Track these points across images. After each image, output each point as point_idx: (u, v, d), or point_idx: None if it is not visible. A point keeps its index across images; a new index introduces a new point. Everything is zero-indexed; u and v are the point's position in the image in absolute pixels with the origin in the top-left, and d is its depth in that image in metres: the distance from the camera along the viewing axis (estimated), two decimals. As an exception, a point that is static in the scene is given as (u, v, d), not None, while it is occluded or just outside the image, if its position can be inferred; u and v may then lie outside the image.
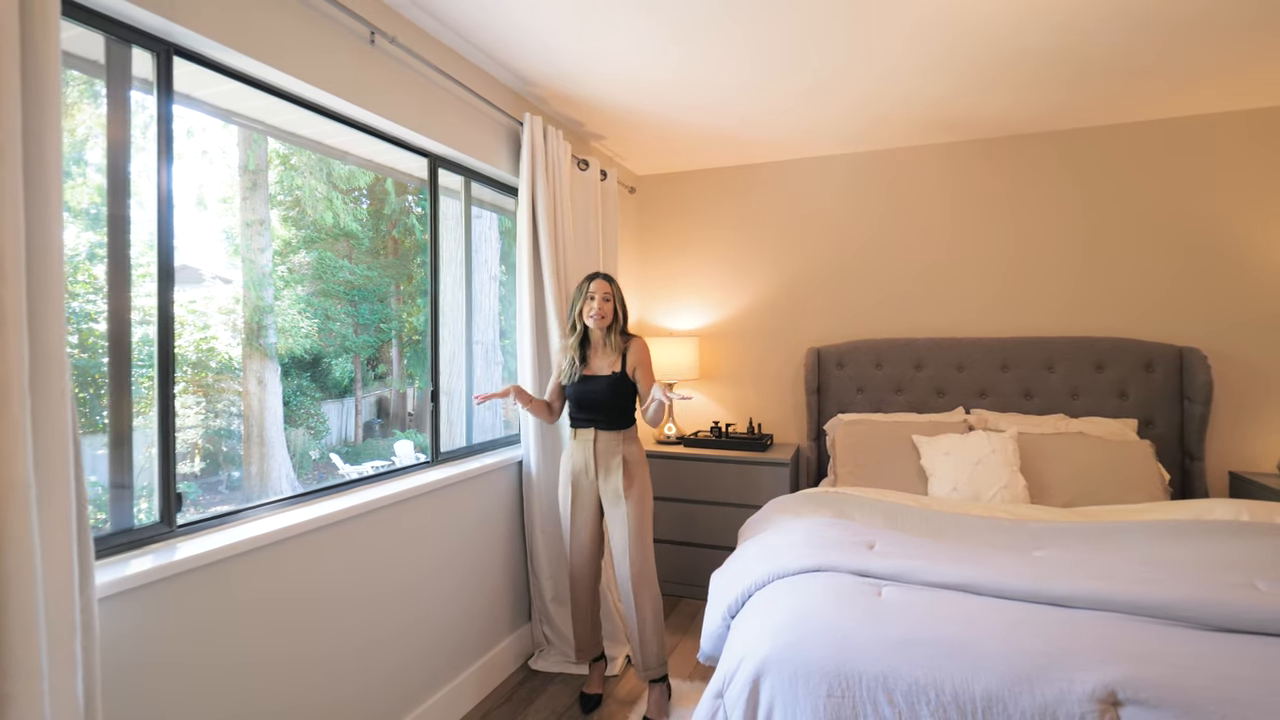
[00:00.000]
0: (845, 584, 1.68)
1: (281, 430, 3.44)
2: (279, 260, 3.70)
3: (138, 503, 1.47)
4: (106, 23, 1.32)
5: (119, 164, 1.37)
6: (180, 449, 2.91)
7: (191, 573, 1.39)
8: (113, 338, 1.38)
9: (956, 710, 1.32)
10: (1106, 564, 1.75)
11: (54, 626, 1.02)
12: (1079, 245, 3.08)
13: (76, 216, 2.02)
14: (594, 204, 2.98)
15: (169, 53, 1.43)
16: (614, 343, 2.29)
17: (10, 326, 0.95)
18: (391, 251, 2.80)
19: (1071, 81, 2.52)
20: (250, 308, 3.27)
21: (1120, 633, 1.41)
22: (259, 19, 1.55)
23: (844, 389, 3.38)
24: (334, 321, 3.78)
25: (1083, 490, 2.55)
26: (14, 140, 0.96)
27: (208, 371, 2.93)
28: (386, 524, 1.95)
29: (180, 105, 1.68)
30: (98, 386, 2.27)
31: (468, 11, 1.99)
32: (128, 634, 1.27)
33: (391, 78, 1.97)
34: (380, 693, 1.91)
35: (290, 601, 1.62)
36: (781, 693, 1.45)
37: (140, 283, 2.69)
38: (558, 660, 2.62)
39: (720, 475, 3.28)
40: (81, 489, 1.10)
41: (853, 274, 3.48)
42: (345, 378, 4.03)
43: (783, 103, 2.74)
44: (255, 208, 3.52)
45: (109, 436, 1.39)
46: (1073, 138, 3.08)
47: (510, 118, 2.48)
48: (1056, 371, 3.03)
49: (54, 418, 1.03)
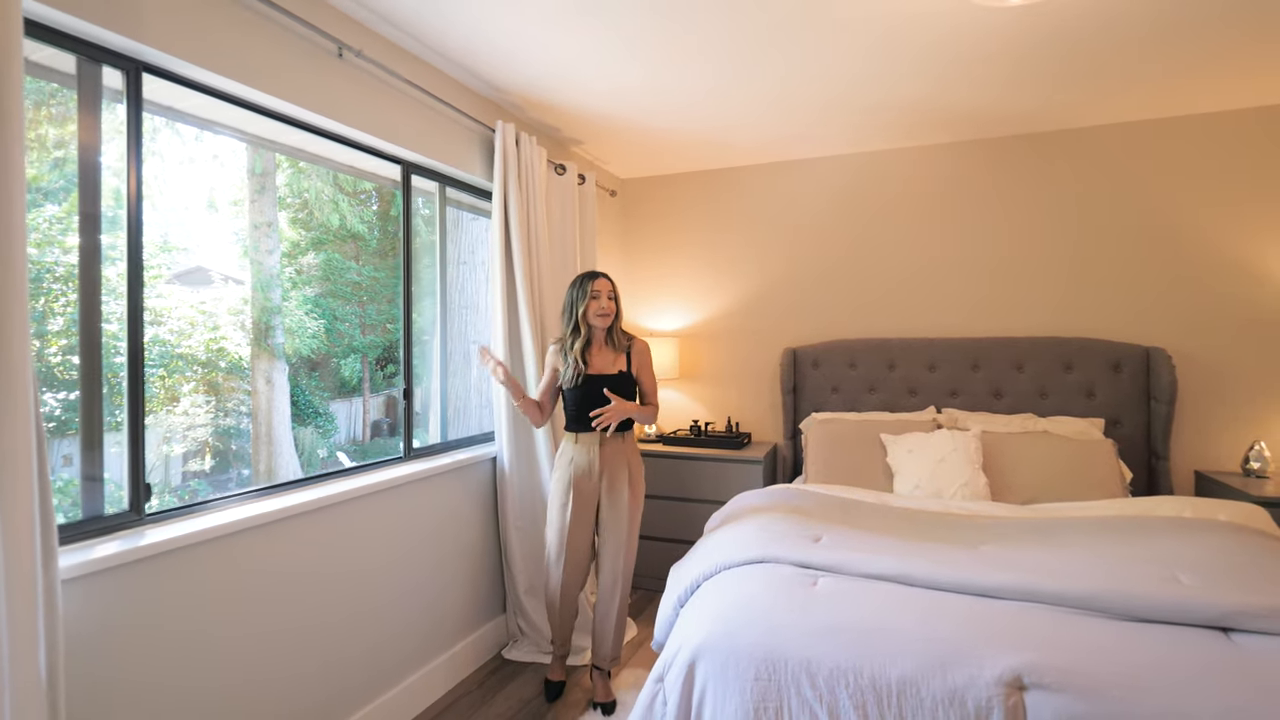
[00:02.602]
0: (784, 574, 1.75)
1: (289, 429, 3.51)
2: (287, 262, 3.78)
3: (158, 494, 1.57)
4: (76, 43, 1.41)
5: (91, 171, 1.46)
6: (191, 447, 3.02)
7: (157, 557, 1.48)
8: (83, 339, 1.47)
9: (873, 693, 1.39)
10: (1043, 558, 1.81)
11: (15, 603, 1.11)
12: (1051, 247, 3.13)
13: (111, 223, 2.13)
14: (572, 207, 3.06)
15: (138, 70, 1.53)
16: (616, 342, 2.31)
17: (-27, 328, 1.04)
18: (394, 254, 2.88)
19: (1040, 84, 2.57)
20: (258, 308, 3.36)
21: (1036, 622, 1.47)
22: (226, 38, 1.64)
23: (819, 388, 3.44)
24: (342, 322, 3.85)
25: (1043, 488, 2.60)
26: (-23, 157, 1.05)
27: (217, 371, 3.02)
28: (355, 516, 2.04)
29: (163, 117, 1.78)
30: (112, 384, 2.37)
31: (432, 23, 2.08)
32: (94, 614, 1.36)
33: (360, 89, 2.05)
34: (350, 676, 2.00)
35: (256, 587, 1.71)
36: (713, 676, 1.53)
37: (152, 284, 2.77)
38: (530, 650, 2.71)
39: (697, 472, 3.34)
40: (45, 480, 1.20)
41: (831, 275, 3.53)
42: (354, 378, 4.12)
43: (753, 109, 2.80)
44: (263, 210, 3.62)
45: (80, 433, 1.48)
46: (1043, 140, 3.13)
47: (483, 125, 2.57)
48: (1026, 371, 3.08)
49: (17, 415, 1.12)
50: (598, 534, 2.40)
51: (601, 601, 2.37)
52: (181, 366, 2.91)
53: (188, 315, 3.00)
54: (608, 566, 2.34)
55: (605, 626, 2.35)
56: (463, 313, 2.94)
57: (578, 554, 2.32)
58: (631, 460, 2.34)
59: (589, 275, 2.30)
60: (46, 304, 2.23)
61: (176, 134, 2.94)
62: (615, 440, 2.30)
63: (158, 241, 2.94)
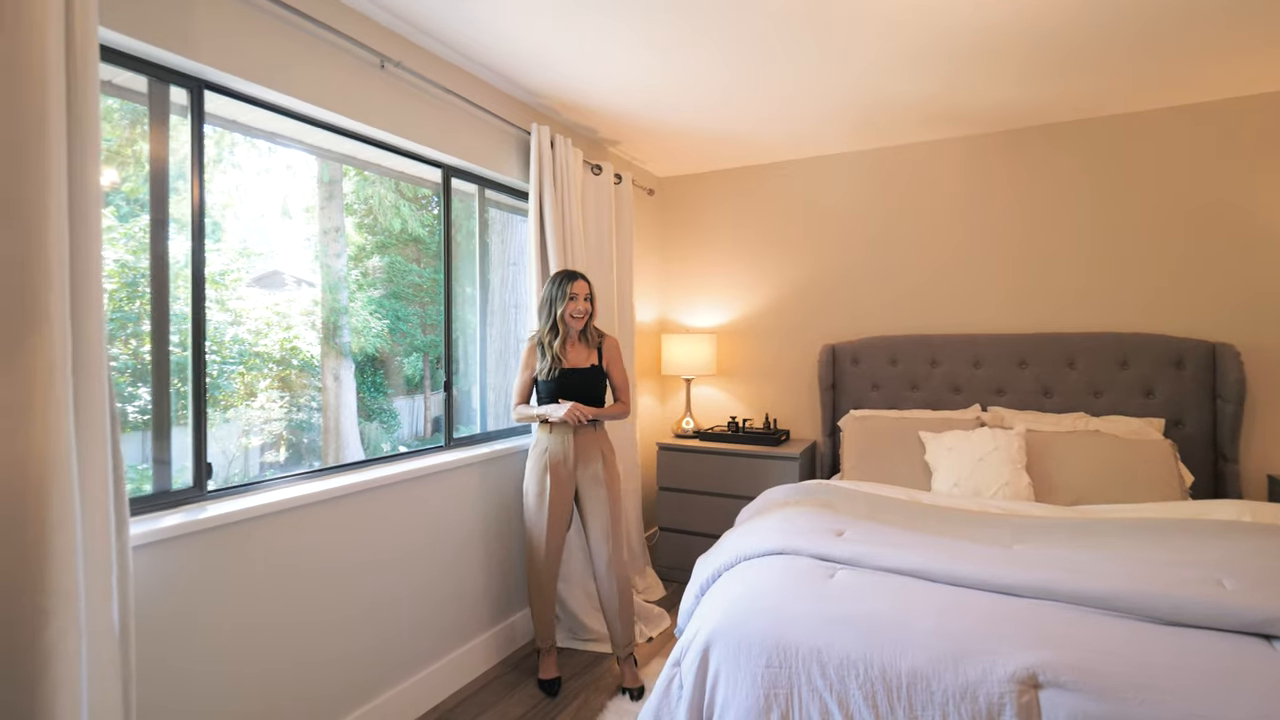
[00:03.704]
0: (802, 566, 1.76)
1: (355, 424, 3.70)
2: (353, 265, 4.00)
3: (224, 475, 1.74)
4: (146, 65, 1.57)
5: (161, 180, 1.63)
6: (267, 439, 3.24)
7: (216, 530, 1.63)
8: (154, 337, 1.63)
9: (883, 685, 1.39)
10: (1077, 559, 1.75)
11: (91, 562, 1.26)
12: (1101, 238, 2.98)
13: (181, 228, 2.35)
14: (608, 206, 3.13)
15: (200, 88, 1.68)
16: (590, 339, 2.44)
17: (56, 324, 1.18)
18: (461, 255, 3.04)
19: (1081, 69, 2.47)
20: (327, 309, 3.59)
21: (1056, 620, 1.43)
22: (276, 55, 1.78)
23: (859, 386, 3.39)
24: (404, 322, 4.05)
25: (1092, 490, 2.49)
26: (60, 171, 1.20)
27: (291, 368, 3.20)
28: (397, 499, 2.17)
29: (236, 131, 1.94)
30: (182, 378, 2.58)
31: (466, 32, 2.18)
32: (161, 576, 1.52)
33: (401, 98, 2.18)
34: (391, 649, 2.13)
35: (304, 560, 1.85)
36: (726, 661, 1.56)
37: (232, 287, 2.99)
38: (563, 636, 2.79)
39: (733, 469, 3.36)
40: (118, 455, 1.34)
41: (869, 271, 3.48)
42: (415, 375, 4.34)
43: (769, 104, 2.82)
44: (331, 216, 3.86)
45: (152, 420, 1.65)
46: (1093, 127, 2.99)
47: (519, 128, 2.66)
48: (1077, 368, 2.95)
49: (93, 398, 1.27)
50: (582, 522, 2.46)
51: (602, 589, 2.41)
52: (259, 364, 3.10)
53: (264, 316, 3.19)
54: (599, 551, 2.39)
55: (612, 612, 2.40)
56: (512, 312, 3.05)
57: (555, 538, 2.39)
58: (604, 448, 2.44)
59: (568, 276, 2.37)
60: (141, 306, 2.48)
61: (254, 147, 3.18)
62: (588, 430, 2.40)
63: (238, 247, 3.18)
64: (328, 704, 1.92)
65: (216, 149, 2.82)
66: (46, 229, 1.16)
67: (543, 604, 2.42)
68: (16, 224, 1.14)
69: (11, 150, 1.14)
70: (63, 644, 1.17)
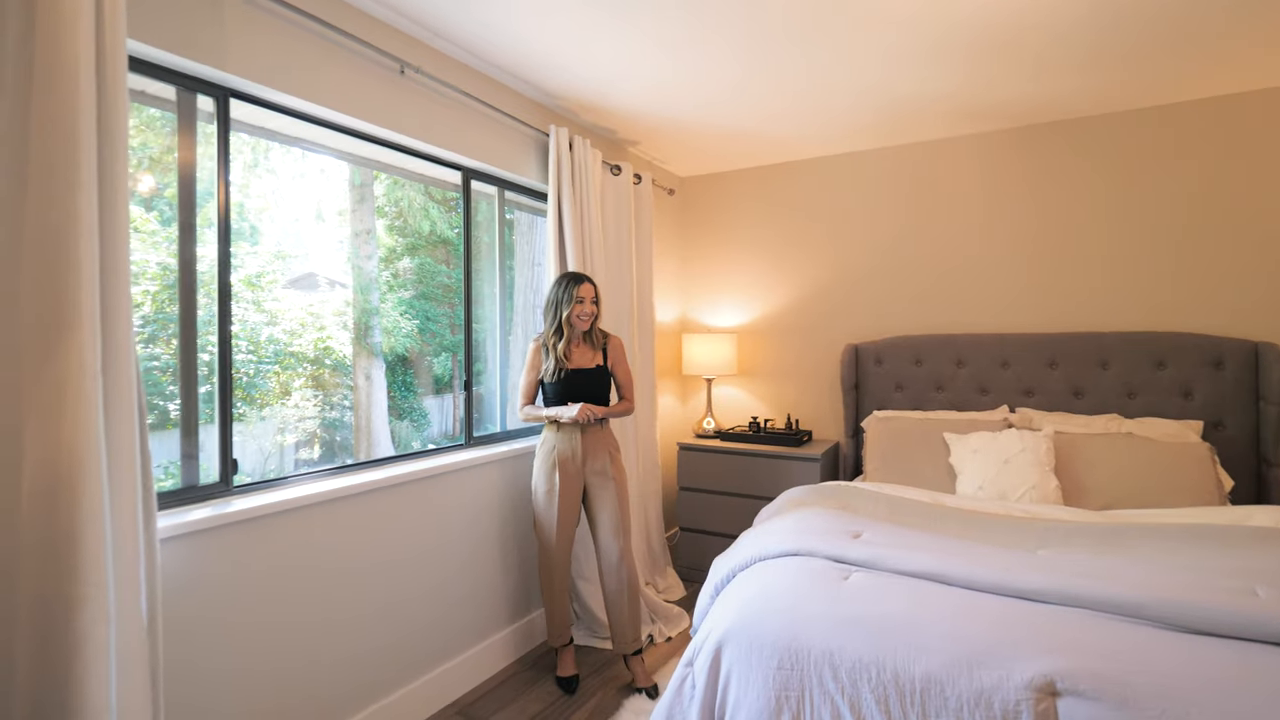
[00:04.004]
0: (816, 567, 1.74)
1: (386, 422, 3.79)
2: (384, 266, 4.10)
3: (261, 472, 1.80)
4: (174, 75, 1.63)
5: (189, 185, 1.68)
6: (302, 437, 3.34)
7: (241, 524, 1.68)
8: (182, 339, 1.69)
9: (895, 689, 1.37)
10: (1104, 565, 1.70)
11: (120, 553, 1.31)
12: (1135, 233, 2.88)
13: (206, 230, 2.43)
14: (627, 207, 3.14)
15: (226, 96, 1.74)
16: (594, 340, 2.46)
17: (86, 326, 1.23)
18: (485, 256, 3.10)
19: (1108, 62, 2.39)
20: (359, 310, 3.68)
21: (1078, 627, 1.39)
22: (298, 63, 1.83)
23: (883, 386, 3.34)
24: (433, 322, 4.14)
25: (1125, 494, 2.41)
26: (91, 179, 1.25)
27: (324, 368, 3.29)
28: (417, 496, 2.21)
29: (255, 136, 2.00)
30: (236, 379, 2.66)
31: (484, 36, 2.21)
32: (188, 567, 1.57)
33: (421, 102, 2.22)
34: (409, 644, 2.17)
35: (326, 554, 1.90)
36: (738, 662, 1.55)
37: (269, 289, 3.08)
38: (583, 634, 2.81)
39: (754, 469, 3.33)
40: (146, 452, 1.40)
41: (891, 269, 3.42)
42: (445, 375, 4.43)
43: (780, 103, 2.81)
44: (363, 218, 3.96)
45: (180, 418, 1.71)
46: (1125, 120, 2.89)
47: (537, 130, 2.69)
48: (1111, 369, 2.85)
49: (122, 397, 1.32)
50: (590, 519, 2.47)
51: (610, 585, 2.42)
52: (293, 363, 3.18)
53: (299, 317, 3.27)
54: (609, 547, 2.41)
55: (619, 608, 2.40)
56: (535, 312, 3.08)
57: (565, 533, 2.41)
58: (611, 446, 2.46)
59: (574, 279, 2.39)
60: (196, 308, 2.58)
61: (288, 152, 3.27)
62: (595, 428, 2.43)
63: (274, 250, 3.27)
64: (347, 697, 1.96)
65: (253, 154, 2.91)
66: (78, 234, 1.21)
67: (555, 600, 2.44)
68: (50, 230, 1.19)
69: (45, 159, 1.19)
70: (93, 631, 1.22)
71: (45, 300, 1.19)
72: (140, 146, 1.96)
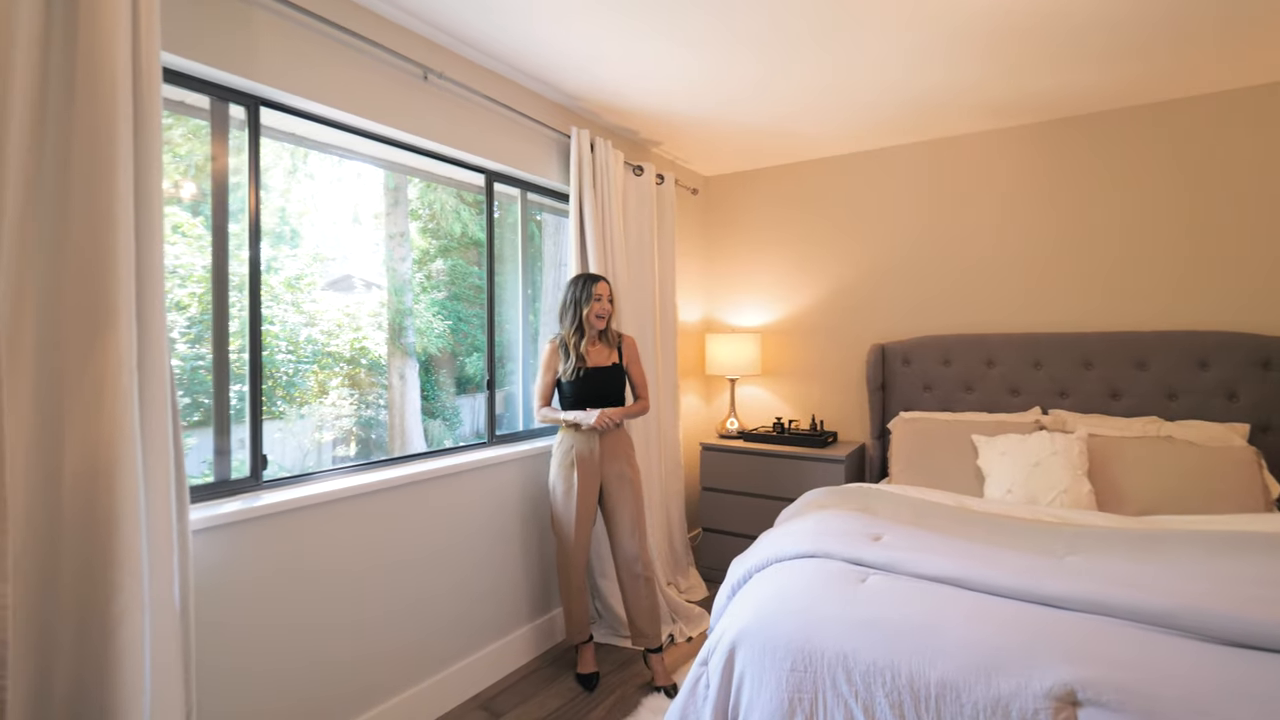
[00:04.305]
0: (833, 569, 1.72)
1: (419, 421, 3.88)
2: (417, 268, 4.19)
3: (300, 468, 1.87)
4: (208, 86, 1.70)
5: (222, 191, 1.75)
6: (338, 434, 3.44)
7: (269, 517, 1.74)
8: (214, 342, 1.75)
9: (910, 694, 1.35)
10: (1133, 572, 1.64)
11: (155, 542, 1.37)
12: (1175, 228, 2.77)
13: (265, 235, 2.52)
14: (649, 207, 3.15)
15: (256, 105, 1.80)
16: (610, 339, 2.49)
17: (123, 326, 1.30)
18: (512, 257, 3.16)
19: (1152, 49, 2.31)
20: (393, 311, 3.78)
21: (1103, 636, 1.35)
22: (325, 71, 1.89)
23: (910, 386, 3.28)
24: (465, 323, 4.24)
25: (1163, 499, 2.32)
26: (128, 186, 1.31)
27: (360, 367, 3.38)
28: (440, 493, 2.25)
29: (287, 143, 2.07)
30: (270, 378, 2.76)
31: (503, 41, 2.25)
32: (220, 558, 1.64)
33: (444, 106, 2.27)
34: (433, 637, 2.21)
35: (349, 547, 1.95)
36: (751, 663, 1.55)
37: (307, 291, 3.18)
38: (605, 633, 2.82)
39: (777, 470, 3.31)
40: (179, 446, 1.46)
41: (918, 267, 3.36)
42: (477, 375, 4.54)
43: (801, 101, 2.78)
44: (397, 221, 4.06)
45: (213, 415, 1.78)
46: (1160, 110, 2.78)
47: (559, 132, 2.72)
48: (1150, 369, 2.75)
49: (156, 394, 1.38)
50: (607, 519, 2.49)
51: (628, 583, 2.43)
52: (330, 363, 3.26)
53: (336, 318, 3.36)
54: (628, 545, 2.42)
55: (638, 607, 2.42)
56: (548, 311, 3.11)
57: (583, 531, 2.43)
58: (626, 446, 2.50)
59: (590, 279, 2.42)
60: (232, 309, 2.68)
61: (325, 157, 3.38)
62: (611, 429, 2.45)
63: (312, 253, 3.38)
64: (371, 688, 2.01)
65: (292, 160, 3.00)
66: (115, 239, 1.28)
67: (573, 598, 2.46)
68: (90, 235, 1.26)
69: (86, 167, 1.26)
70: (129, 615, 1.28)
71: (86, 300, 1.26)
72: (186, 154, 2.05)
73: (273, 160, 2.64)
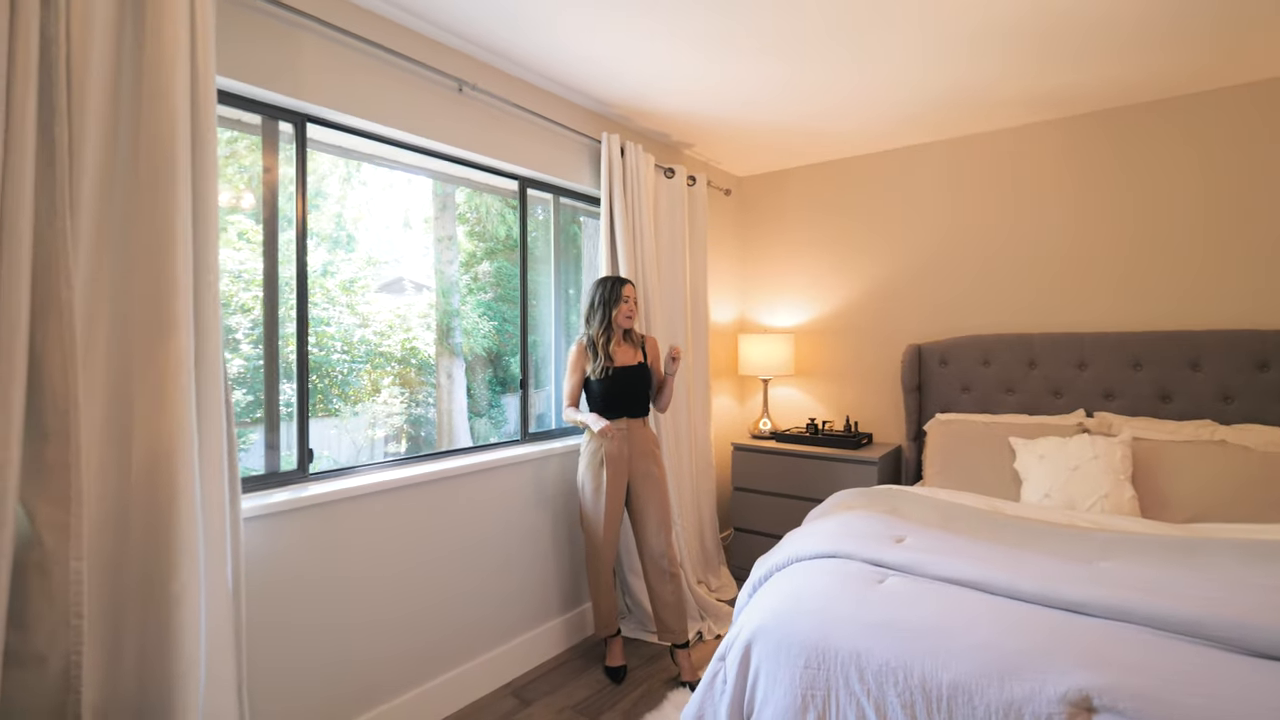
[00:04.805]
0: (852, 570, 1.73)
1: (466, 419, 4.02)
2: (464, 270, 4.35)
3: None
4: (259, 105, 1.83)
5: (271, 204, 1.88)
6: (390, 431, 3.61)
7: (315, 506, 1.87)
8: (265, 343, 1.89)
9: (922, 695, 1.35)
10: (1170, 578, 1.59)
11: (210, 528, 1.49)
12: (1230, 222, 2.64)
13: (322, 240, 2.67)
14: (680, 209, 3.19)
15: (303, 121, 1.93)
16: (634, 339, 2.55)
17: (182, 329, 1.42)
18: (563, 257, 3.26)
19: (1198, 35, 2.21)
20: (441, 312, 3.94)
21: (1124, 642, 1.32)
22: (365, 88, 2.00)
23: (947, 388, 3.21)
24: (509, 324, 4.40)
25: (1213, 506, 2.23)
26: (186, 201, 1.43)
27: (410, 367, 3.54)
28: (475, 487, 2.35)
29: (335, 155, 2.20)
30: (327, 377, 2.93)
31: (536, 52, 2.33)
32: (269, 544, 1.76)
33: (478, 117, 2.36)
34: (467, 626, 2.31)
35: (388, 537, 2.06)
36: (767, 659, 1.57)
37: (361, 293, 3.34)
38: (634, 628, 2.88)
39: (809, 471, 3.29)
40: (232, 440, 1.58)
41: (953, 265, 3.29)
42: (520, 374, 4.68)
43: (827, 100, 2.77)
44: (445, 225, 4.23)
45: (264, 413, 1.91)
46: (1214, 99, 2.65)
47: (590, 138, 2.78)
48: (1204, 371, 2.63)
49: (211, 392, 1.50)
50: (633, 517, 2.55)
51: (654, 579, 2.49)
52: (382, 362, 3.42)
53: (388, 319, 3.52)
54: (655, 542, 2.48)
55: (664, 602, 2.47)
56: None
57: (612, 527, 2.48)
58: (653, 444, 2.55)
59: (617, 281, 2.48)
60: (285, 311, 2.86)
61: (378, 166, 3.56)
62: (638, 425, 2.53)
63: (365, 257, 3.55)
64: (407, 670, 2.12)
65: (346, 168, 3.16)
66: (175, 250, 1.40)
67: (601, 592, 2.52)
68: (154, 246, 1.39)
69: (152, 185, 1.39)
70: (187, 593, 1.40)
71: (150, 307, 1.39)
72: (249, 165, 2.20)
73: (329, 168, 2.78)
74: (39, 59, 1.23)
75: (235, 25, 1.69)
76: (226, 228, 2.03)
